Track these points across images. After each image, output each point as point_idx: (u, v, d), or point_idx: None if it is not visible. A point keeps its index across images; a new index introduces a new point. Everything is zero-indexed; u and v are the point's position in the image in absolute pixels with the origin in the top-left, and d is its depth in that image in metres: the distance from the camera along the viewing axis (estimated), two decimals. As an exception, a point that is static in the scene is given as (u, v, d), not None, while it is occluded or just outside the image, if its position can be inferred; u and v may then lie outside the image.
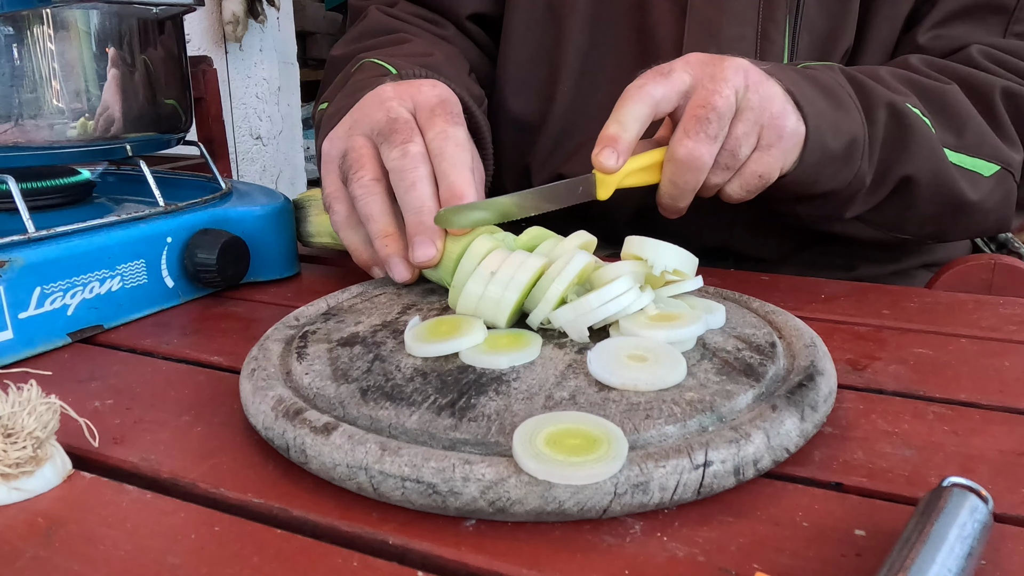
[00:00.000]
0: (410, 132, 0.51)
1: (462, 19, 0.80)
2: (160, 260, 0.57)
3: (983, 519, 0.28)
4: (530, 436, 0.31)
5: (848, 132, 0.57)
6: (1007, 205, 0.66)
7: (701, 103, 0.52)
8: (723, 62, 0.53)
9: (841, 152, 0.57)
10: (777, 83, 0.54)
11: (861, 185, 0.60)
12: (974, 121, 0.62)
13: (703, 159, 0.52)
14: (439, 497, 0.31)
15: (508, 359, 0.39)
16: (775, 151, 0.54)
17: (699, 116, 0.51)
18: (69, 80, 0.56)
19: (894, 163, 0.60)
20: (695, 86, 0.53)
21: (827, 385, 0.38)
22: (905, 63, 0.66)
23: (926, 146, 0.60)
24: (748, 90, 0.52)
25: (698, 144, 0.51)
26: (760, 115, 0.53)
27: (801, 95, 0.54)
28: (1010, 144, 0.64)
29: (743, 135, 0.53)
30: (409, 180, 0.50)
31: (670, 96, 0.53)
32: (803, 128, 0.54)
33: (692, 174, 0.53)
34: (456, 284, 0.45)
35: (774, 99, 0.53)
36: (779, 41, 0.69)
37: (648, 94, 0.52)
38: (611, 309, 0.42)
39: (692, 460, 0.31)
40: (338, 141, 0.55)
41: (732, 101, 0.52)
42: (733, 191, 0.56)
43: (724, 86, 0.52)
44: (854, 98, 0.58)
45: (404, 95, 0.54)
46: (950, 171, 0.61)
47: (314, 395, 0.37)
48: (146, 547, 0.30)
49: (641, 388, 0.36)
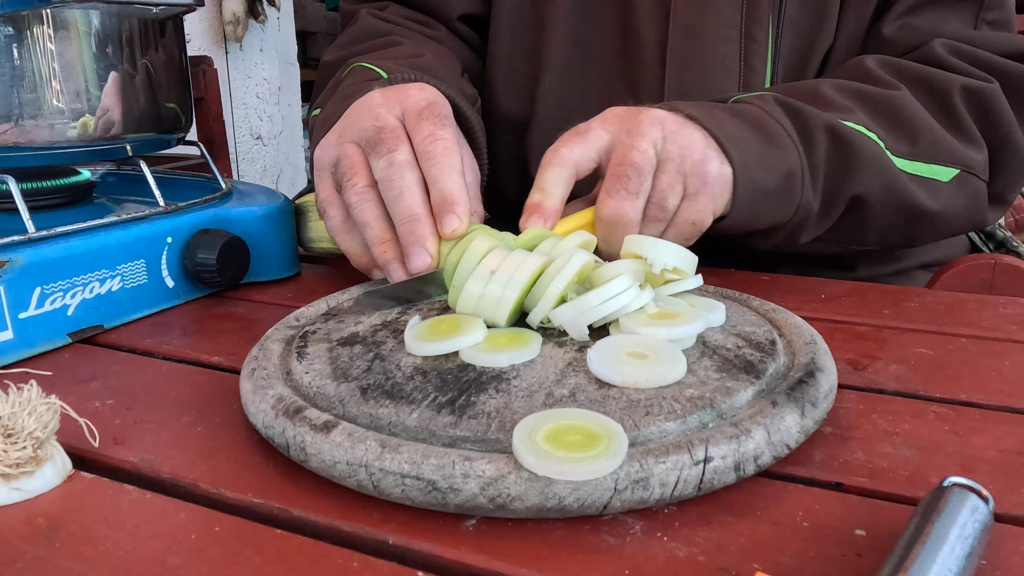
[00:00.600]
0: (396, 141, 0.51)
1: (452, 20, 0.80)
2: (160, 260, 0.57)
3: (984, 519, 0.27)
4: (530, 433, 0.31)
5: (782, 166, 0.56)
6: (975, 205, 0.65)
7: (619, 161, 0.52)
8: (639, 115, 0.54)
9: (776, 187, 0.56)
10: (698, 128, 0.54)
11: (808, 213, 0.59)
12: (927, 126, 0.61)
13: (627, 216, 0.52)
14: (439, 494, 0.31)
15: (507, 357, 0.39)
16: (703, 197, 0.54)
17: (618, 174, 0.52)
18: (69, 80, 0.56)
19: (841, 186, 0.59)
20: (614, 143, 0.54)
21: (827, 381, 0.38)
22: (859, 66, 0.65)
23: (873, 163, 0.59)
24: (666, 141, 0.53)
25: (620, 202, 0.52)
26: (681, 164, 0.53)
27: (725, 136, 0.54)
28: (969, 144, 0.63)
29: (668, 186, 0.53)
30: (396, 189, 0.50)
31: (588, 154, 0.54)
32: (729, 170, 0.54)
33: (621, 231, 0.53)
34: (456, 283, 0.45)
35: (694, 146, 0.53)
36: (763, 40, 0.69)
37: (564, 157, 0.53)
38: (611, 307, 0.42)
39: (692, 456, 0.31)
40: (330, 148, 0.55)
41: (651, 154, 0.52)
42: (671, 241, 0.56)
43: (641, 140, 0.52)
44: (788, 129, 0.57)
45: (392, 101, 0.54)
46: (902, 183, 0.60)
47: (314, 394, 0.37)
48: (146, 547, 0.30)
49: (641, 385, 0.36)
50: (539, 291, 0.44)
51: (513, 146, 0.80)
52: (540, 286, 0.44)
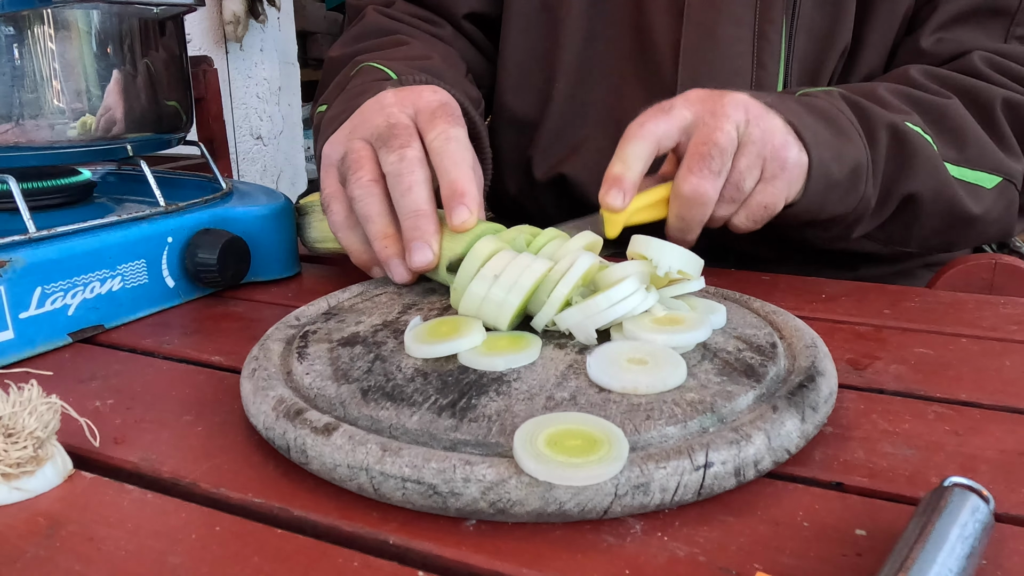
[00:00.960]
0: (408, 137, 0.52)
1: (459, 19, 0.81)
2: (161, 260, 0.57)
3: (984, 519, 0.27)
4: (531, 437, 0.31)
5: (851, 158, 0.58)
6: (1010, 214, 0.66)
7: (703, 140, 0.53)
8: (723, 98, 0.54)
9: (845, 178, 0.58)
10: (778, 115, 0.55)
11: (867, 207, 0.60)
12: (975, 135, 0.63)
13: (708, 194, 0.53)
14: (440, 498, 0.31)
15: (505, 361, 0.39)
16: (779, 182, 0.55)
17: (702, 153, 0.52)
18: (70, 80, 0.56)
19: (897, 183, 0.61)
20: (696, 123, 0.54)
21: (828, 386, 0.38)
22: (905, 76, 0.66)
23: (928, 164, 0.60)
24: (749, 124, 0.53)
25: (702, 180, 0.52)
26: (762, 148, 0.54)
27: (802, 125, 0.55)
28: (1011, 155, 0.65)
29: (746, 168, 0.54)
30: (405, 184, 0.50)
31: (671, 132, 0.54)
32: (806, 158, 0.55)
33: (698, 209, 0.54)
34: (458, 286, 0.45)
35: (775, 132, 0.54)
36: (776, 41, 0.69)
37: (649, 131, 0.53)
38: (620, 310, 0.42)
39: (693, 461, 0.31)
40: (338, 145, 0.55)
41: (733, 136, 0.53)
42: (740, 222, 0.57)
43: (725, 122, 0.53)
44: (855, 123, 0.59)
45: (405, 101, 0.54)
46: (953, 186, 0.62)
47: (315, 395, 0.37)
48: (147, 547, 0.30)
49: (641, 391, 0.36)
50: (543, 294, 0.43)
51: (519, 146, 0.80)
52: (544, 289, 0.44)
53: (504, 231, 0.51)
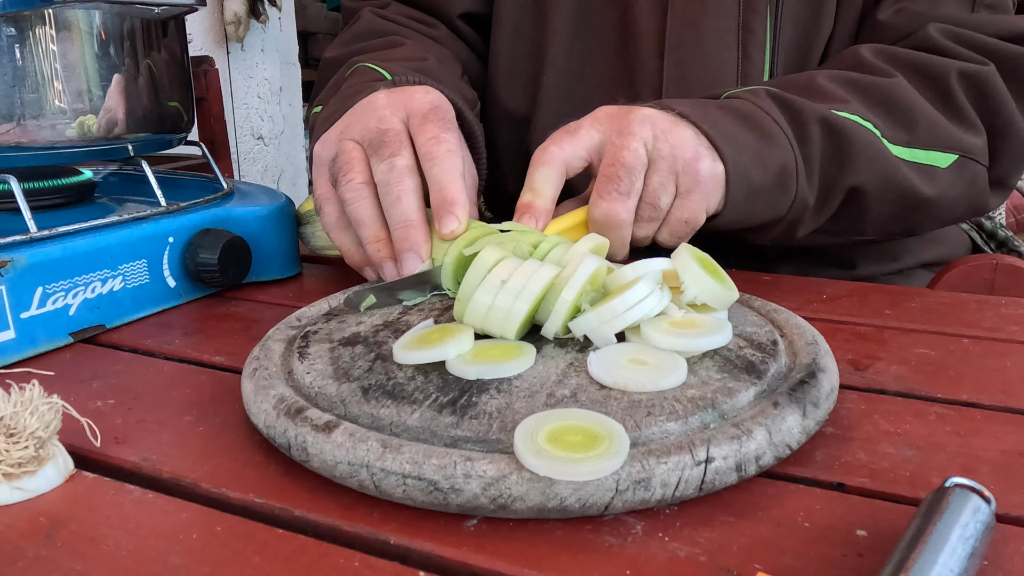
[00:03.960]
0: (398, 145, 0.51)
1: (453, 19, 0.81)
2: (162, 260, 0.57)
3: (985, 520, 0.27)
4: (531, 433, 0.31)
5: (776, 162, 0.56)
6: (975, 190, 0.64)
7: (610, 161, 0.52)
8: (630, 115, 0.53)
9: (771, 183, 0.56)
10: (689, 126, 0.54)
11: (804, 208, 0.59)
12: (925, 113, 0.61)
13: (620, 216, 0.52)
14: (440, 494, 0.31)
15: (477, 370, 0.38)
16: (695, 196, 0.54)
17: (609, 175, 0.52)
18: (71, 80, 0.56)
19: (838, 178, 0.59)
20: (604, 143, 0.53)
21: (829, 382, 0.38)
22: (854, 56, 0.64)
23: (869, 153, 0.58)
24: (657, 140, 0.53)
25: (612, 203, 0.52)
26: (673, 163, 0.53)
27: (718, 134, 0.54)
28: (968, 128, 0.62)
29: (659, 185, 0.53)
30: (395, 194, 0.50)
31: (579, 153, 0.54)
32: (721, 168, 0.54)
33: (615, 231, 0.53)
34: (461, 297, 0.43)
35: (685, 145, 0.53)
36: (761, 32, 0.69)
37: (554, 156, 0.53)
38: (638, 313, 0.40)
39: (694, 456, 0.31)
40: (329, 144, 0.55)
41: (642, 154, 0.52)
42: (664, 239, 0.56)
43: (632, 140, 0.52)
44: (782, 124, 0.57)
45: (397, 103, 0.54)
46: (900, 172, 0.60)
47: (315, 394, 0.37)
48: (148, 547, 0.30)
49: (631, 389, 0.36)
50: (551, 301, 0.42)
51: (515, 141, 0.80)
52: (552, 296, 0.42)
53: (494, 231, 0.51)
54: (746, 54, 0.69)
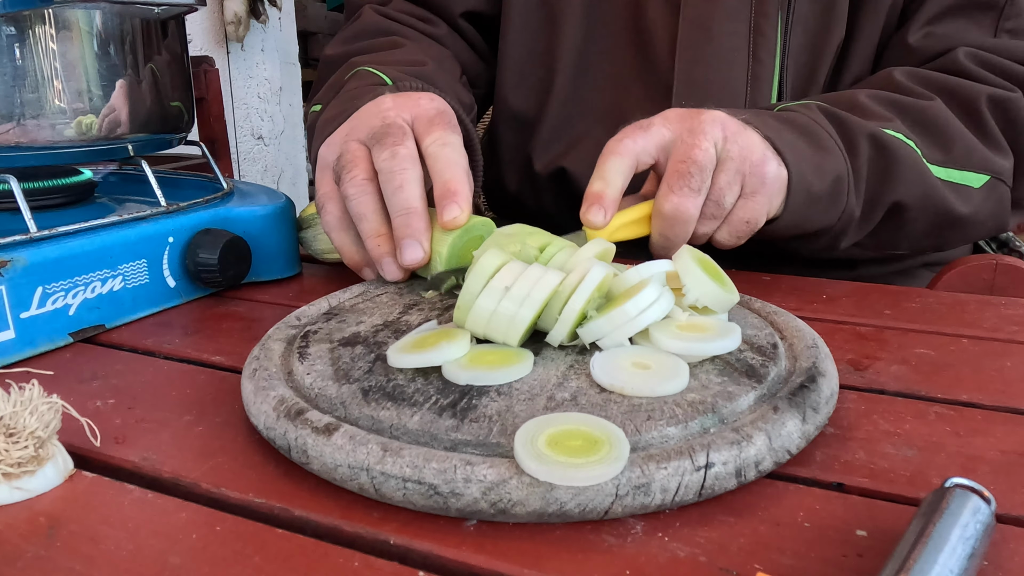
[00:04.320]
0: (401, 136, 0.52)
1: (455, 17, 0.81)
2: (162, 260, 0.57)
3: (985, 520, 0.27)
4: (531, 437, 0.31)
5: (831, 171, 0.58)
6: (1001, 211, 0.66)
7: (682, 158, 0.53)
8: (700, 115, 0.54)
9: (826, 192, 0.58)
10: (755, 131, 0.55)
11: (851, 219, 0.60)
12: (960, 135, 0.63)
13: (689, 212, 0.53)
14: (440, 498, 0.31)
15: (468, 376, 0.37)
16: (759, 197, 0.55)
17: (681, 171, 0.53)
18: (71, 80, 0.56)
19: (882, 192, 0.61)
20: (674, 141, 0.54)
21: (829, 386, 0.38)
22: (889, 78, 0.66)
23: (911, 170, 0.60)
24: (727, 141, 0.54)
25: (683, 199, 0.53)
26: (741, 164, 0.54)
27: (780, 140, 0.55)
28: (998, 151, 0.65)
29: (726, 185, 0.54)
30: (397, 182, 0.50)
31: (649, 149, 0.54)
32: (785, 173, 0.55)
33: (680, 227, 0.54)
34: (461, 304, 0.42)
35: (753, 147, 0.54)
36: (771, 36, 0.69)
37: (628, 148, 0.54)
38: (650, 316, 0.40)
39: (694, 462, 0.31)
40: (334, 146, 0.56)
41: (712, 153, 0.53)
42: (723, 238, 0.57)
43: (703, 139, 0.53)
44: (834, 136, 0.59)
45: (403, 107, 0.55)
46: (938, 189, 0.62)
47: (316, 395, 0.37)
48: (147, 547, 0.30)
49: (627, 392, 0.36)
50: (555, 308, 0.41)
51: (519, 142, 0.81)
52: (555, 303, 0.41)
53: (496, 229, 0.51)
54: (757, 57, 0.69)
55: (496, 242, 0.48)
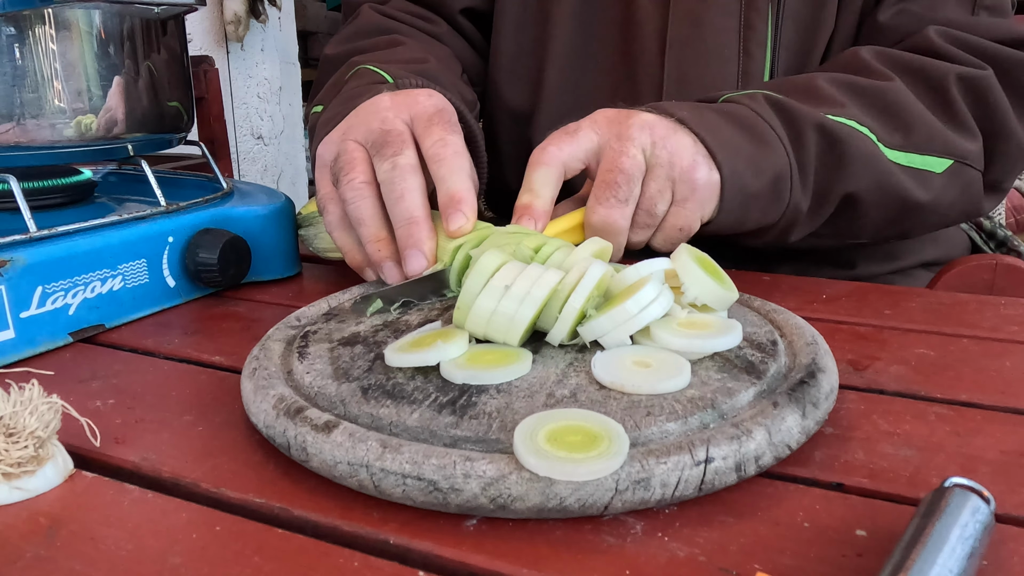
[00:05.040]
0: (401, 144, 0.51)
1: (455, 14, 0.81)
2: (161, 260, 0.57)
3: (985, 520, 0.27)
4: (531, 433, 0.31)
5: (771, 169, 0.56)
6: (970, 195, 0.64)
7: (608, 167, 0.52)
8: (629, 119, 0.53)
9: (765, 190, 0.56)
10: (687, 133, 0.54)
11: (797, 213, 0.59)
12: (921, 117, 0.61)
13: (617, 223, 0.53)
14: (440, 494, 0.31)
15: (464, 375, 0.37)
16: (691, 204, 0.54)
17: (608, 181, 0.52)
18: (71, 80, 0.56)
19: (832, 184, 0.59)
20: (602, 147, 0.54)
21: (828, 382, 0.38)
22: (854, 57, 0.64)
23: (864, 159, 0.58)
24: (655, 146, 0.53)
25: (610, 210, 0.52)
26: (670, 170, 0.53)
27: (715, 140, 0.54)
28: (964, 134, 0.62)
29: (656, 192, 0.53)
30: (398, 192, 0.50)
31: (577, 155, 0.54)
32: (717, 176, 0.54)
33: (612, 237, 0.53)
34: (461, 305, 0.42)
35: (683, 152, 0.53)
36: (762, 30, 0.69)
37: (553, 157, 0.53)
38: (651, 314, 0.40)
39: (694, 456, 0.31)
40: (332, 145, 0.55)
41: (640, 160, 0.52)
42: (659, 245, 0.56)
43: (630, 146, 0.52)
44: (778, 130, 0.57)
45: (401, 106, 0.54)
46: (895, 177, 0.60)
47: (315, 394, 0.37)
48: (147, 547, 0.30)
49: (628, 390, 0.36)
50: (554, 307, 0.41)
51: (517, 138, 0.80)
52: (555, 302, 0.41)
53: (495, 231, 0.50)
54: (747, 52, 0.69)
55: (494, 242, 0.48)
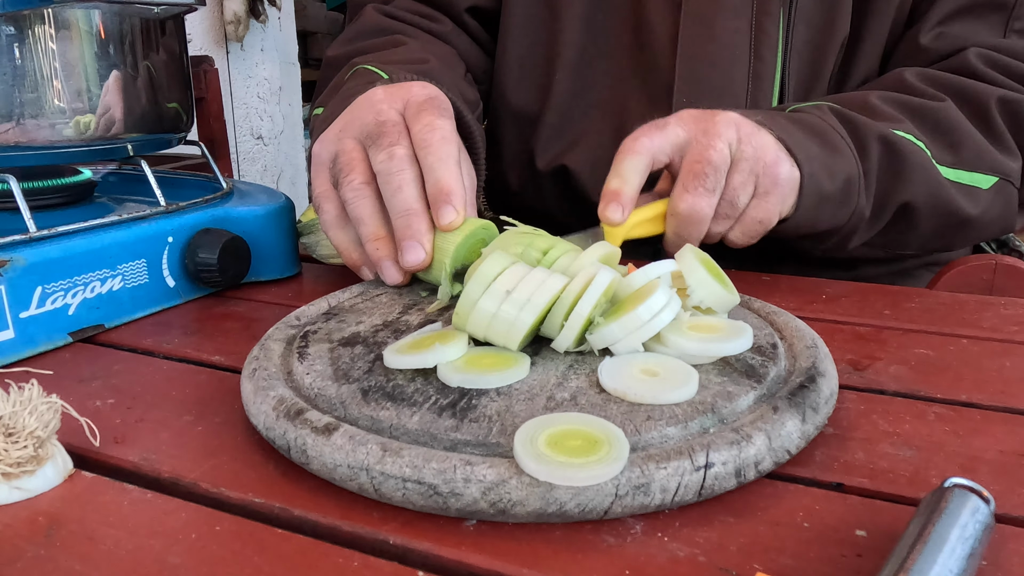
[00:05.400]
0: (397, 135, 0.52)
1: (461, 13, 0.81)
2: (161, 260, 0.57)
3: (984, 520, 0.27)
4: (531, 437, 0.31)
5: (843, 172, 0.58)
6: (1009, 212, 0.67)
7: (697, 158, 0.54)
8: (715, 117, 0.55)
9: (838, 192, 0.58)
10: (768, 132, 0.56)
11: (861, 219, 0.61)
12: (970, 136, 0.63)
13: (703, 212, 0.54)
14: (440, 498, 0.31)
15: (461, 378, 0.37)
16: (772, 198, 0.56)
17: (696, 171, 0.54)
18: (70, 80, 0.56)
19: (891, 193, 0.61)
20: (689, 141, 0.55)
21: (828, 387, 0.38)
22: (899, 79, 0.67)
23: (921, 171, 0.61)
24: (741, 142, 0.54)
25: (697, 198, 0.54)
26: (755, 165, 0.54)
27: (793, 142, 0.56)
28: (1007, 153, 0.65)
29: (740, 185, 0.55)
30: (395, 183, 0.50)
31: (665, 148, 0.55)
32: (797, 173, 0.56)
33: (695, 226, 0.55)
34: (460, 310, 0.41)
35: (767, 148, 0.55)
36: (774, 33, 0.69)
37: (644, 146, 0.54)
38: (663, 320, 0.39)
39: (693, 462, 0.31)
40: (328, 144, 0.55)
41: (726, 154, 0.54)
42: (736, 238, 0.58)
43: (717, 140, 0.54)
44: (846, 138, 0.59)
45: (394, 96, 0.55)
46: (947, 191, 0.62)
47: (315, 395, 0.37)
48: (147, 546, 0.30)
49: (648, 402, 0.36)
50: (558, 313, 0.41)
51: (521, 139, 0.80)
52: (559, 309, 0.41)
53: (496, 231, 0.50)
54: (759, 55, 0.70)
55: (503, 243, 0.48)
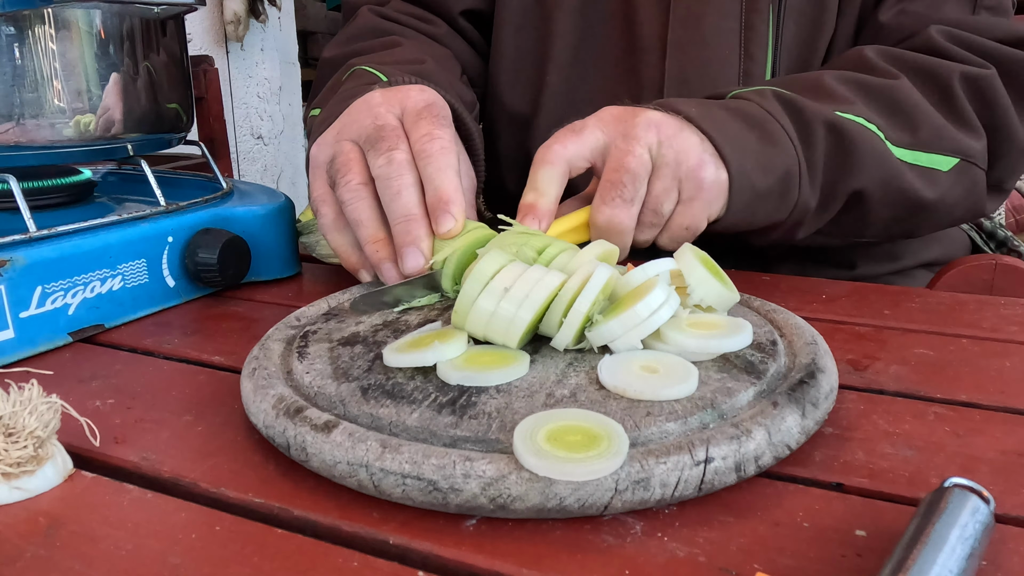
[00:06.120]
0: (396, 139, 0.51)
1: (455, 16, 0.81)
2: (161, 260, 0.57)
3: (984, 520, 0.27)
4: (531, 433, 0.31)
5: (780, 167, 0.56)
6: (974, 194, 0.64)
7: (615, 166, 0.52)
8: (635, 117, 0.53)
9: (774, 188, 0.56)
10: (694, 131, 0.53)
11: (805, 211, 0.59)
12: (928, 116, 0.61)
13: (623, 223, 0.52)
14: (440, 494, 0.31)
15: (459, 376, 0.37)
16: (697, 203, 0.54)
17: (613, 181, 0.52)
18: (70, 80, 0.56)
19: (840, 181, 0.59)
20: (608, 145, 0.53)
21: (828, 382, 0.38)
22: (858, 56, 0.64)
23: (872, 157, 0.58)
24: (661, 145, 0.52)
25: (615, 210, 0.52)
26: (677, 169, 0.52)
27: (723, 138, 0.53)
28: (969, 132, 0.62)
29: (663, 192, 0.53)
30: (395, 188, 0.50)
31: (583, 153, 0.53)
32: (724, 175, 0.53)
33: (617, 237, 0.53)
34: (459, 309, 0.41)
35: (690, 151, 0.52)
36: (763, 31, 0.69)
37: (558, 155, 0.53)
38: (661, 317, 0.39)
39: (693, 457, 0.31)
40: (326, 146, 0.55)
41: (646, 159, 0.52)
42: (664, 244, 0.56)
43: (636, 145, 0.52)
44: (787, 127, 0.56)
45: (392, 100, 0.54)
46: (902, 175, 0.60)
47: (315, 394, 0.37)
48: (147, 546, 0.30)
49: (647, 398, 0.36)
50: (556, 310, 0.41)
51: (517, 141, 0.80)
52: (557, 305, 0.41)
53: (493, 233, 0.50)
54: (748, 53, 0.69)
55: (499, 243, 0.48)
